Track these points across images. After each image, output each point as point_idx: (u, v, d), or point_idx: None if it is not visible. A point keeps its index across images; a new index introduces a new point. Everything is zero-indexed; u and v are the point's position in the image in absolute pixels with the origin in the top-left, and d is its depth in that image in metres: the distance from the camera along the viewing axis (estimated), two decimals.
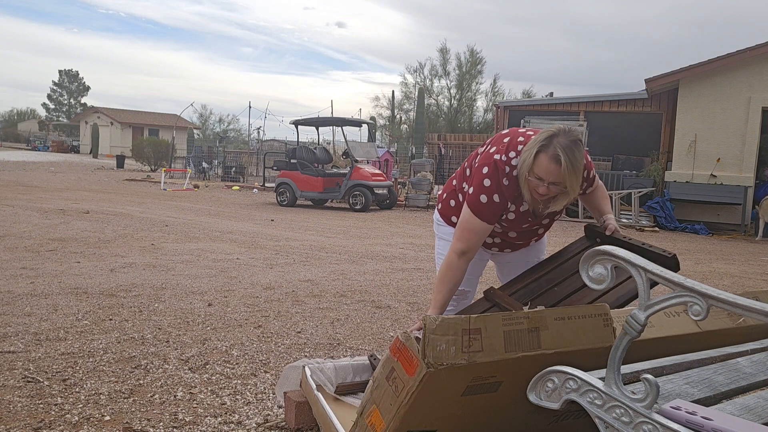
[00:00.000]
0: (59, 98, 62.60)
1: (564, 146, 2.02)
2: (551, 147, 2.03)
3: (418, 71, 33.55)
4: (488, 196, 2.18)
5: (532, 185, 2.10)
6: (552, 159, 2.02)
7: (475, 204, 2.20)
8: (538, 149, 2.05)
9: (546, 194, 2.10)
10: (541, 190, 2.08)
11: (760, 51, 11.67)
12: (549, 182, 2.06)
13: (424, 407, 1.47)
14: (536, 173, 2.06)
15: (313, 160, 13.71)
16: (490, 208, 2.19)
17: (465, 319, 1.42)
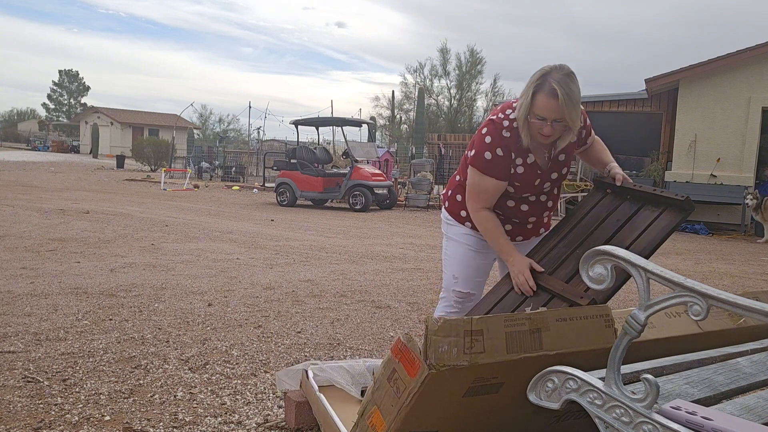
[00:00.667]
0: (59, 98, 62.61)
1: (559, 80, 2.02)
2: (546, 84, 2.04)
3: (418, 71, 33.59)
4: (491, 151, 2.19)
5: (535, 128, 2.10)
6: (550, 94, 2.02)
7: (481, 162, 2.20)
8: (534, 89, 2.06)
9: (551, 134, 2.10)
10: (546, 130, 2.09)
11: (760, 51, 11.67)
12: (551, 120, 2.06)
13: (426, 408, 1.47)
14: (537, 113, 2.07)
15: (313, 160, 13.71)
16: (497, 163, 2.19)
17: (467, 320, 1.41)
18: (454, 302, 2.46)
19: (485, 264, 2.47)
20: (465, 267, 2.42)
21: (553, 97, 2.02)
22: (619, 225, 2.14)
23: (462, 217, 2.42)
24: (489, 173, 2.20)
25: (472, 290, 2.45)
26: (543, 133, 2.11)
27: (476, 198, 2.26)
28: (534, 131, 2.12)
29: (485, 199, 2.25)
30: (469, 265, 2.42)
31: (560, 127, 2.09)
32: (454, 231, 2.47)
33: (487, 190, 2.23)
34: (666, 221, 2.06)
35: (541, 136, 2.13)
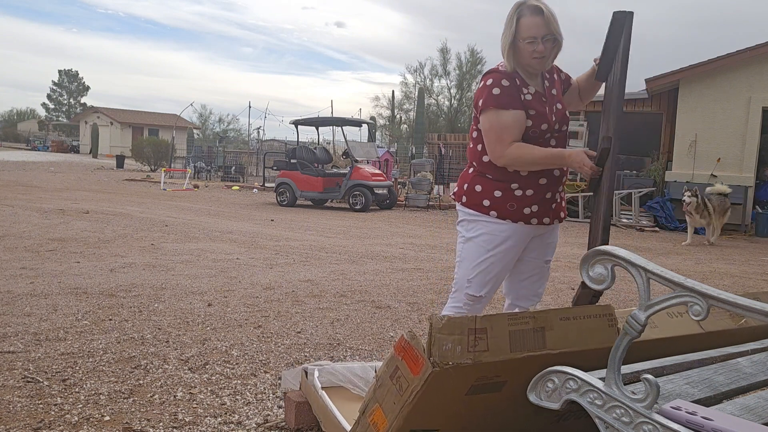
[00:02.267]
0: (59, 98, 62.62)
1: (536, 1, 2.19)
2: (527, 7, 2.19)
3: (418, 71, 33.61)
4: (498, 86, 2.24)
5: (528, 51, 2.20)
6: (535, 13, 2.17)
7: (492, 100, 2.23)
8: (517, 16, 2.19)
9: (544, 51, 2.20)
10: (540, 48, 2.19)
11: (760, 51, 11.67)
12: (541, 37, 2.18)
13: (428, 406, 1.47)
14: (526, 36, 2.18)
15: (313, 160, 13.71)
16: (507, 92, 2.23)
17: (471, 318, 1.41)
18: (464, 304, 2.40)
19: (501, 270, 2.39)
20: (480, 271, 2.35)
21: (539, 13, 2.17)
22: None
23: (485, 207, 2.33)
24: (503, 105, 2.22)
25: (485, 294, 2.39)
26: (537, 53, 2.20)
27: (500, 139, 2.22)
28: (526, 55, 2.21)
29: (510, 135, 2.22)
30: (485, 267, 2.34)
31: (550, 44, 2.21)
32: (476, 228, 2.36)
33: (508, 125, 2.22)
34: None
35: (535, 60, 2.21)
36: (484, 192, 2.33)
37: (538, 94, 2.29)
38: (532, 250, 2.42)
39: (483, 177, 2.35)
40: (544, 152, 2.23)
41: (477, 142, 2.36)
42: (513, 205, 2.29)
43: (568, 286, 5.39)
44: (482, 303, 2.41)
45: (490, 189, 2.31)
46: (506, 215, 2.30)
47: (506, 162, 2.24)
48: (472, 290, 2.36)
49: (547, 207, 2.36)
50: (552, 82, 2.37)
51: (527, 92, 2.27)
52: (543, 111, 2.27)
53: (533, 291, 2.49)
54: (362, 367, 2.32)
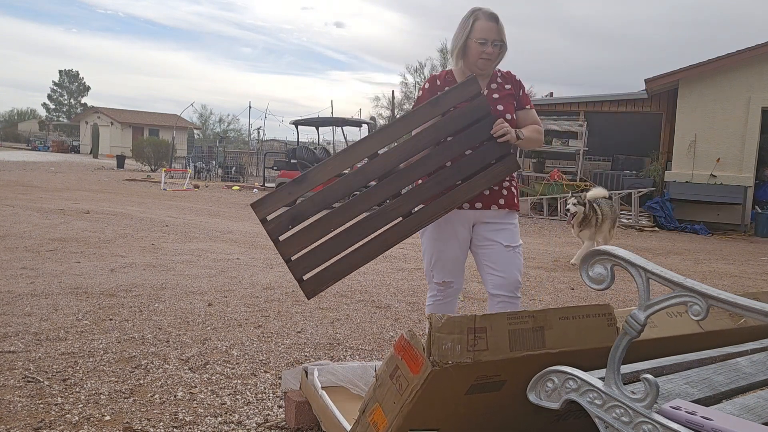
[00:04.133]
0: (59, 98, 62.63)
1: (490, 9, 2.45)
2: (482, 12, 2.44)
3: (418, 71, 33.60)
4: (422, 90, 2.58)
5: (478, 51, 2.43)
6: (490, 18, 2.43)
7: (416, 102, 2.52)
8: (473, 19, 2.43)
9: (492, 53, 2.44)
10: (489, 50, 2.42)
11: (760, 51, 11.68)
12: (492, 41, 2.42)
13: (428, 406, 1.47)
14: (479, 38, 2.41)
15: (313, 160, 13.72)
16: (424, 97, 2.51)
17: (470, 317, 1.42)
18: (437, 291, 2.63)
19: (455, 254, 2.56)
20: (436, 258, 2.57)
21: (494, 20, 2.43)
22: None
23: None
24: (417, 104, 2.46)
25: (448, 279, 2.58)
26: (486, 54, 2.43)
27: None
28: (475, 54, 2.44)
29: None
30: (438, 256, 2.56)
31: (498, 48, 2.45)
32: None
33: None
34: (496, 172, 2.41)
35: (482, 60, 2.44)
36: None
37: None
38: (482, 236, 2.54)
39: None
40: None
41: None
42: None
43: (568, 286, 5.40)
44: (453, 288, 2.63)
45: None
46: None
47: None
48: (437, 278, 2.59)
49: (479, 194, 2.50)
50: (499, 87, 2.56)
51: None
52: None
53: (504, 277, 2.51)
54: (362, 366, 2.32)
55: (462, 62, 2.50)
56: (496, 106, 2.47)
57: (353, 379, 2.26)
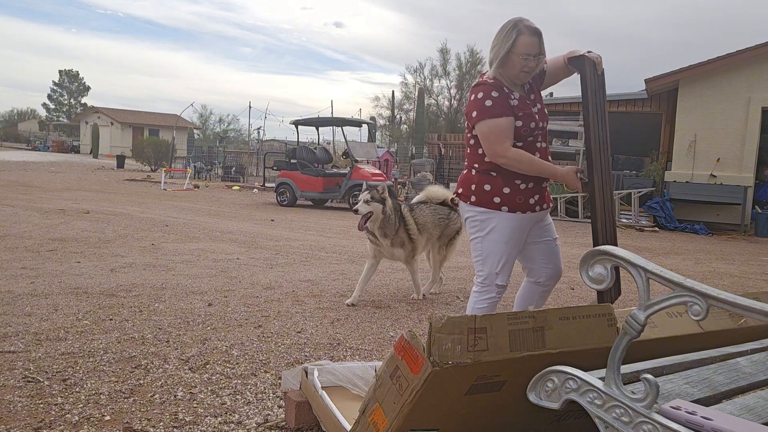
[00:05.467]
0: (59, 98, 62.64)
1: (531, 23, 2.51)
2: (525, 27, 2.49)
3: (418, 71, 33.54)
4: (489, 98, 2.52)
5: (519, 65, 2.50)
6: (532, 33, 2.49)
7: (485, 111, 2.52)
8: (516, 34, 2.48)
9: (534, 66, 2.53)
10: (531, 64, 2.51)
11: (760, 51, 11.67)
12: (534, 54, 2.49)
13: (428, 406, 1.47)
14: (522, 51, 2.48)
15: (313, 160, 13.71)
16: (498, 102, 2.51)
17: (471, 318, 1.42)
18: (496, 293, 2.69)
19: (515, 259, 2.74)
20: (506, 261, 2.64)
21: (536, 35, 2.49)
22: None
23: (496, 203, 2.61)
24: (496, 114, 2.51)
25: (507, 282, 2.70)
26: (527, 68, 2.51)
27: (499, 141, 2.52)
28: (517, 68, 2.51)
29: (507, 137, 2.52)
30: (508, 258, 2.65)
31: (539, 60, 2.54)
32: (490, 224, 2.62)
33: (504, 129, 2.51)
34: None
35: (524, 74, 2.54)
36: (493, 191, 2.61)
37: (522, 98, 2.61)
38: (536, 234, 2.74)
39: (488, 176, 2.62)
40: (540, 165, 2.57)
41: (477, 146, 2.64)
42: (521, 198, 2.60)
43: (568, 286, 5.40)
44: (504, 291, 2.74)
45: (499, 187, 2.60)
46: (516, 207, 2.61)
47: (506, 162, 2.54)
48: (500, 280, 2.66)
49: (543, 195, 2.70)
50: (531, 86, 2.69)
51: (514, 98, 2.57)
52: (530, 111, 2.58)
53: (556, 268, 2.81)
54: (362, 366, 2.32)
55: (501, 71, 2.55)
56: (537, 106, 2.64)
57: (353, 379, 2.26)
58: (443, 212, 4.79)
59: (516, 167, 2.54)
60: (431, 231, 4.69)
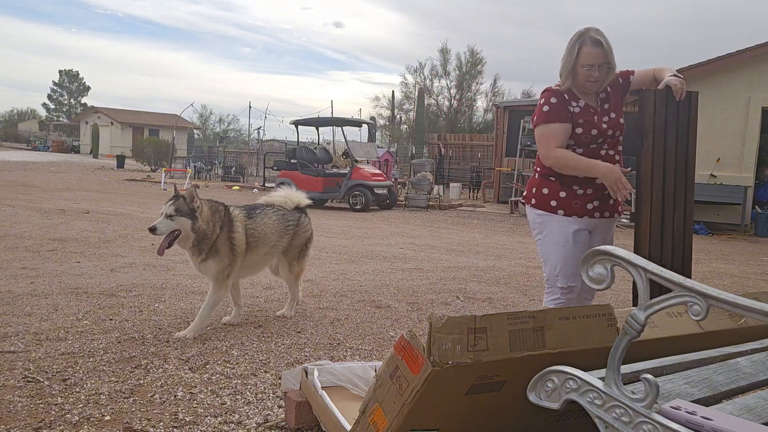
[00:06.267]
0: (59, 98, 62.64)
1: (597, 33, 2.52)
2: (588, 38, 2.52)
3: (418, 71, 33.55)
4: (547, 104, 2.61)
5: (584, 76, 2.55)
6: (595, 45, 2.51)
7: (542, 116, 2.61)
8: (579, 45, 2.52)
9: (599, 77, 2.55)
10: (595, 74, 2.54)
11: (760, 51, 11.67)
12: (598, 65, 2.52)
13: (428, 406, 1.47)
14: (585, 62, 2.52)
15: (313, 160, 13.71)
16: (554, 108, 2.59)
17: (470, 318, 1.42)
18: (560, 295, 2.71)
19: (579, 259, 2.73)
20: (563, 264, 2.66)
21: (599, 45, 2.51)
22: None
23: (552, 206, 2.67)
24: (551, 119, 2.59)
25: (573, 283, 2.68)
26: (592, 78, 2.55)
27: (547, 144, 2.59)
28: (582, 79, 2.56)
29: (556, 140, 2.58)
30: (566, 262, 2.65)
31: (605, 70, 2.56)
32: (547, 228, 2.69)
33: (554, 133, 2.58)
34: None
35: (590, 83, 2.57)
36: (550, 194, 2.68)
37: (587, 106, 2.64)
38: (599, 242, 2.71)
39: (547, 180, 2.69)
40: (580, 162, 2.58)
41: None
42: (577, 203, 2.64)
43: None
44: (575, 293, 2.72)
45: (556, 191, 2.66)
46: (572, 212, 2.65)
47: (553, 163, 2.61)
48: (561, 283, 2.68)
49: (606, 202, 2.69)
50: (608, 96, 2.70)
51: (576, 106, 2.62)
52: (591, 120, 2.62)
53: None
54: (362, 366, 2.32)
55: (572, 83, 2.60)
56: (609, 114, 2.66)
57: (353, 379, 2.26)
58: (292, 218, 3.92)
59: (562, 168, 2.59)
60: (275, 243, 3.73)
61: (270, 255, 3.78)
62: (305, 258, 4.00)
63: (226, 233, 3.47)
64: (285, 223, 3.83)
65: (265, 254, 3.72)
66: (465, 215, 12.95)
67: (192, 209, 3.33)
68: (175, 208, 3.31)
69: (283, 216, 3.85)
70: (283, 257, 3.86)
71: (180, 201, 3.33)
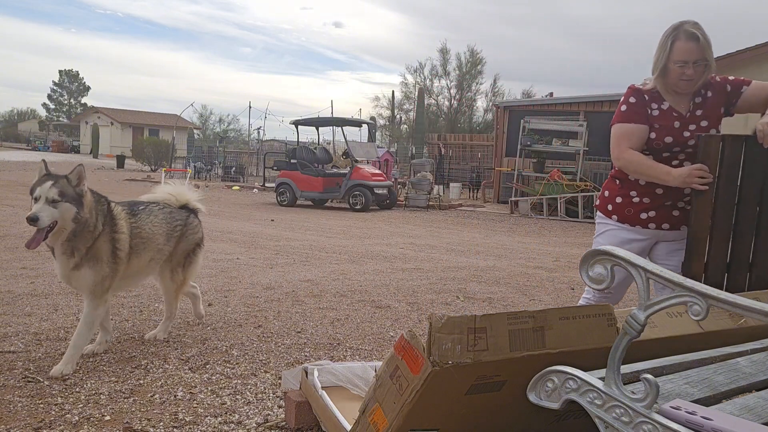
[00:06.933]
0: (59, 98, 62.66)
1: (693, 26, 2.29)
2: (683, 32, 2.29)
3: (418, 71, 33.55)
4: (626, 103, 2.45)
5: (677, 74, 2.33)
6: (690, 38, 2.28)
7: (618, 115, 2.46)
8: (672, 39, 2.31)
9: (693, 76, 2.32)
10: (689, 72, 2.31)
11: (760, 51, 11.66)
12: (693, 61, 2.29)
13: (428, 406, 1.47)
14: (678, 59, 2.30)
15: (313, 160, 13.72)
16: (631, 109, 2.43)
17: (471, 317, 1.42)
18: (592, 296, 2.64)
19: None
20: None
21: (694, 39, 2.28)
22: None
23: (609, 210, 2.59)
24: (627, 119, 2.43)
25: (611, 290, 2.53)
26: (686, 76, 2.32)
27: (619, 144, 2.44)
28: (675, 78, 2.34)
29: (628, 141, 2.42)
30: None
31: (701, 68, 2.32)
32: (602, 229, 2.62)
33: (628, 134, 2.42)
34: None
35: (683, 82, 2.34)
36: (609, 197, 2.60)
37: (670, 110, 2.44)
38: (661, 255, 2.56)
39: (612, 182, 2.60)
40: (651, 168, 2.40)
41: None
42: (630, 210, 2.52)
43: (568, 286, 5.40)
44: (609, 299, 2.60)
45: (614, 195, 2.57)
46: (625, 219, 2.53)
47: (622, 165, 2.47)
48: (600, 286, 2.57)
49: (666, 213, 2.50)
50: (705, 101, 2.45)
51: (656, 108, 2.44)
52: (669, 126, 2.42)
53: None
54: (362, 366, 2.32)
55: (662, 82, 2.41)
56: (699, 123, 2.43)
57: (353, 379, 2.26)
58: (180, 218, 3.33)
59: (632, 171, 2.45)
60: (161, 248, 3.13)
61: (155, 262, 3.15)
62: (192, 266, 3.37)
63: (108, 233, 2.82)
64: (172, 223, 3.24)
65: (150, 260, 3.09)
66: (465, 215, 12.95)
67: (79, 194, 2.73)
68: (59, 191, 2.65)
69: (170, 214, 3.26)
70: (165, 263, 3.24)
71: (63, 182, 2.70)
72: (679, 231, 2.51)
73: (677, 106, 2.43)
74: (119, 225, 2.90)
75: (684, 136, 2.41)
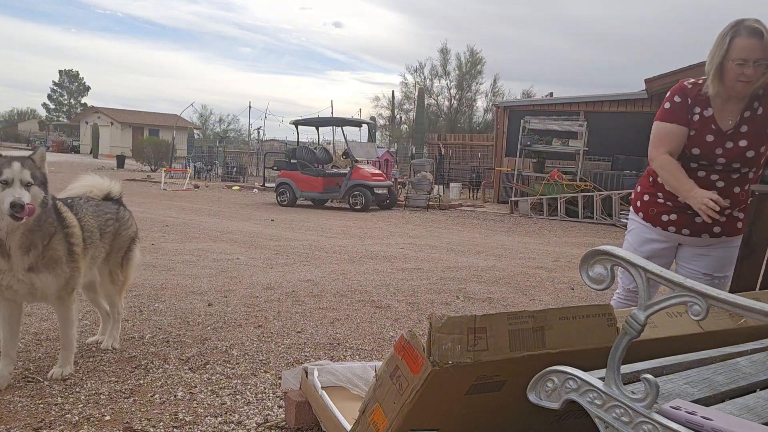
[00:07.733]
0: (59, 98, 62.67)
1: (756, 22, 2.11)
2: (744, 27, 2.10)
3: (418, 71, 33.55)
4: (670, 101, 2.36)
5: (734, 74, 2.13)
6: (752, 34, 2.08)
7: (660, 113, 2.38)
8: (732, 35, 2.12)
9: (753, 76, 2.12)
10: (749, 71, 2.11)
11: None
12: (753, 60, 2.09)
13: (428, 406, 1.47)
14: (737, 57, 2.11)
15: (313, 160, 13.72)
16: (674, 108, 2.33)
17: (471, 317, 1.42)
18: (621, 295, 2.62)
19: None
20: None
21: (756, 35, 2.08)
22: None
23: (637, 206, 2.55)
24: (668, 119, 2.33)
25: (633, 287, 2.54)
26: (744, 77, 2.12)
27: (657, 144, 2.35)
28: (732, 78, 2.15)
29: (667, 143, 2.32)
30: None
31: (762, 68, 2.12)
32: (630, 225, 2.60)
33: (667, 134, 2.32)
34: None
35: (740, 83, 2.14)
36: (640, 193, 2.55)
37: (710, 120, 2.28)
38: (687, 260, 2.50)
39: (645, 179, 2.55)
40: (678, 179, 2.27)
41: None
42: (653, 210, 2.47)
43: (568, 286, 5.40)
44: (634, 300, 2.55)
45: (644, 192, 2.52)
46: (648, 218, 2.49)
47: (654, 166, 2.40)
48: (622, 282, 2.59)
49: (688, 219, 2.40)
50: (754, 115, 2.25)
51: (698, 113, 2.30)
52: (702, 138, 2.29)
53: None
54: (362, 366, 2.32)
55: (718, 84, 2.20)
56: (737, 142, 2.24)
57: (353, 379, 2.26)
58: (110, 210, 3.00)
59: (660, 174, 2.36)
60: (100, 244, 2.85)
61: (95, 260, 2.84)
62: (131, 264, 3.07)
63: (61, 231, 2.52)
64: (104, 217, 2.90)
65: (92, 259, 2.79)
66: (465, 215, 12.95)
67: (44, 177, 2.43)
68: (31, 173, 2.33)
69: (98, 208, 2.91)
70: (103, 264, 2.93)
71: (31, 163, 2.37)
72: (700, 238, 2.42)
73: (721, 117, 2.26)
74: (68, 219, 2.59)
75: (715, 153, 2.27)
